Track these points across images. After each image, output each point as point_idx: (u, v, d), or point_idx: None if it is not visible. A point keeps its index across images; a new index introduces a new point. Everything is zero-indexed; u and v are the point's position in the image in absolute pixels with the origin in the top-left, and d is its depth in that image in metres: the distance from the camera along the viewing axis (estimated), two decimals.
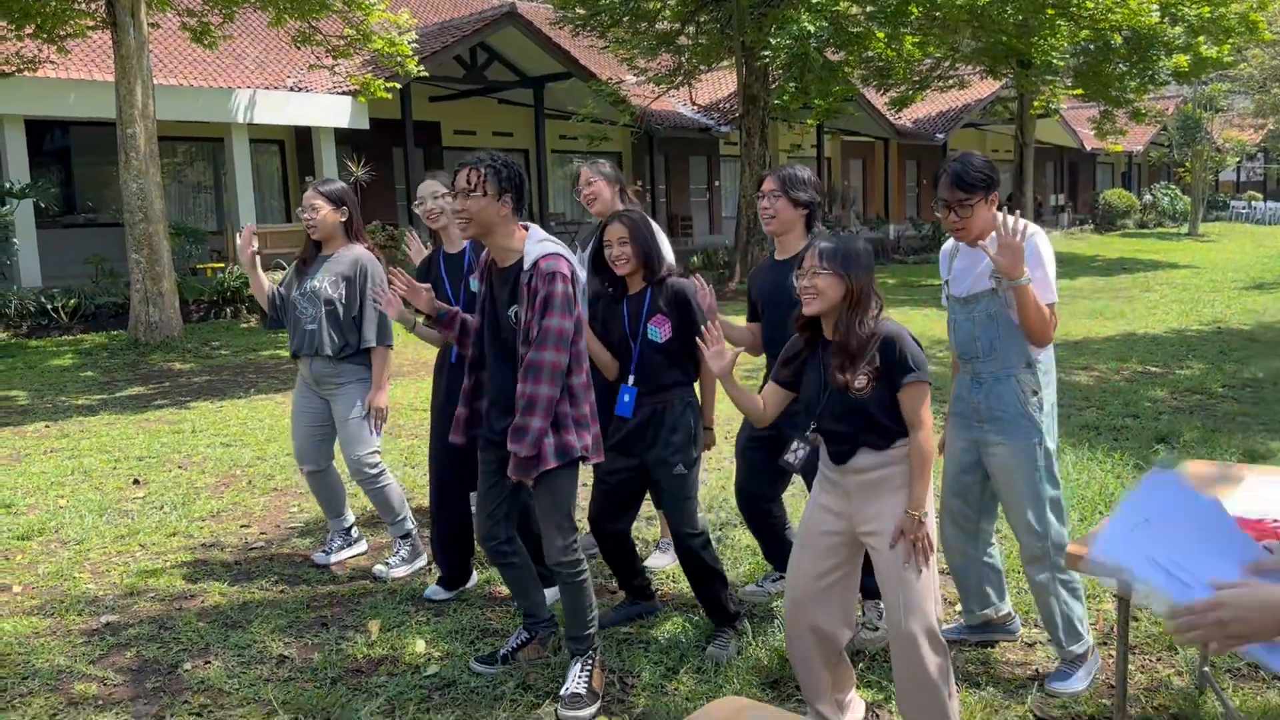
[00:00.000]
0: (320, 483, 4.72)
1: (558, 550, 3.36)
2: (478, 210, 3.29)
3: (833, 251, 2.92)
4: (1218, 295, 15.74)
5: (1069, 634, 3.42)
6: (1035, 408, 3.36)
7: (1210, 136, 33.37)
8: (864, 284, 2.92)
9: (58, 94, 14.69)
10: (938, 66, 23.11)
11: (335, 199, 4.51)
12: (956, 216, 3.31)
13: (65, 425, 8.15)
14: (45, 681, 3.61)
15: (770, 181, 3.86)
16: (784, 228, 3.85)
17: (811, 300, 2.93)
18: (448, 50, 18.41)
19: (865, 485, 2.94)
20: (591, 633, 3.43)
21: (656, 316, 3.77)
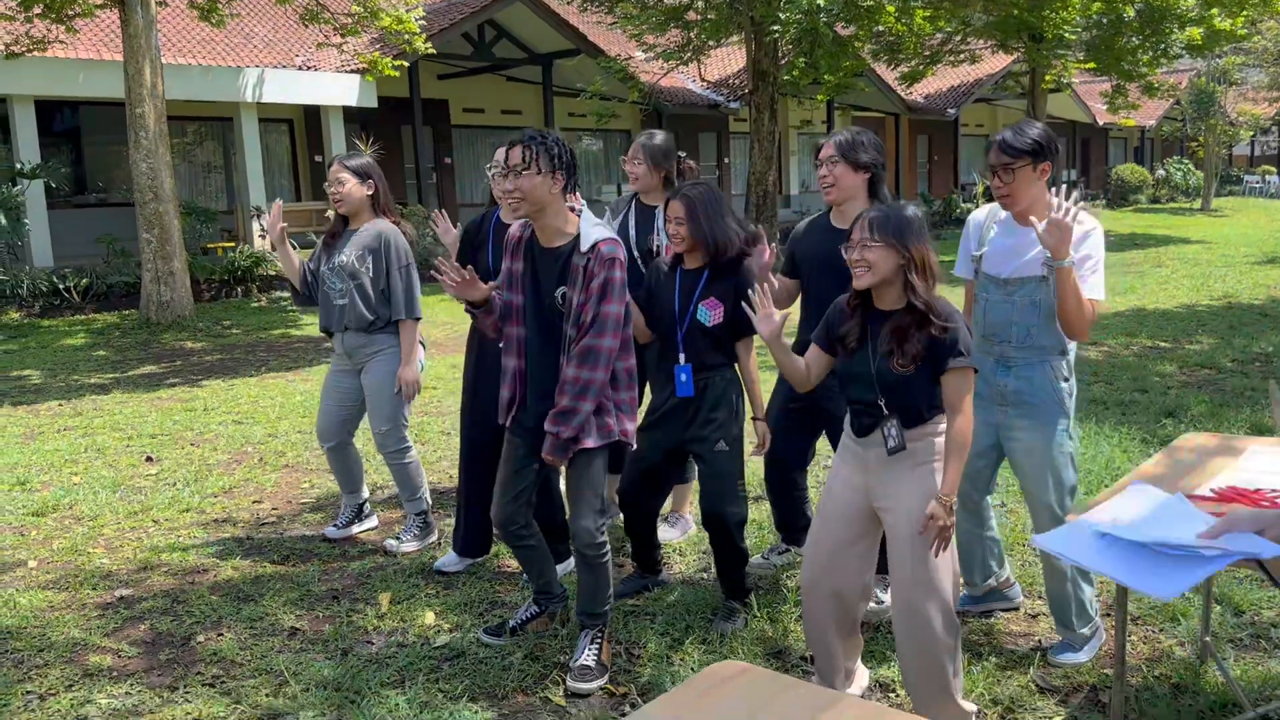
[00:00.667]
0: (340, 459, 4.76)
1: (586, 531, 3.36)
2: (530, 188, 3.21)
3: (883, 221, 2.81)
4: (1229, 270, 15.67)
5: (1080, 616, 3.43)
6: (1066, 394, 3.33)
7: (1224, 110, 33.08)
8: (923, 250, 2.81)
9: (67, 74, 14.71)
10: (949, 41, 22.92)
11: (361, 173, 4.52)
12: (1000, 181, 3.23)
13: (78, 404, 8.22)
14: (61, 653, 3.67)
15: (828, 147, 3.66)
16: (845, 195, 3.65)
17: (863, 274, 2.83)
18: (455, 27, 18.36)
19: (886, 460, 2.91)
20: (606, 610, 3.45)
21: (710, 299, 3.67)
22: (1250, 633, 3.62)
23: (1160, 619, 3.73)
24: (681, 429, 3.72)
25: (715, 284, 3.68)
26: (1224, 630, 3.63)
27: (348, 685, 3.38)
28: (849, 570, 3.02)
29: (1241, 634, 3.61)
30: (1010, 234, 3.35)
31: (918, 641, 2.88)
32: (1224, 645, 3.52)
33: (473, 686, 3.36)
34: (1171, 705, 3.12)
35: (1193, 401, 6.91)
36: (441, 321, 12.09)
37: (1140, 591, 2.15)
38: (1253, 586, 3.94)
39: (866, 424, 2.94)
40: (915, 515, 2.86)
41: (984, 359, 3.38)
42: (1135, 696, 3.18)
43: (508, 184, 3.26)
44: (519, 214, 3.31)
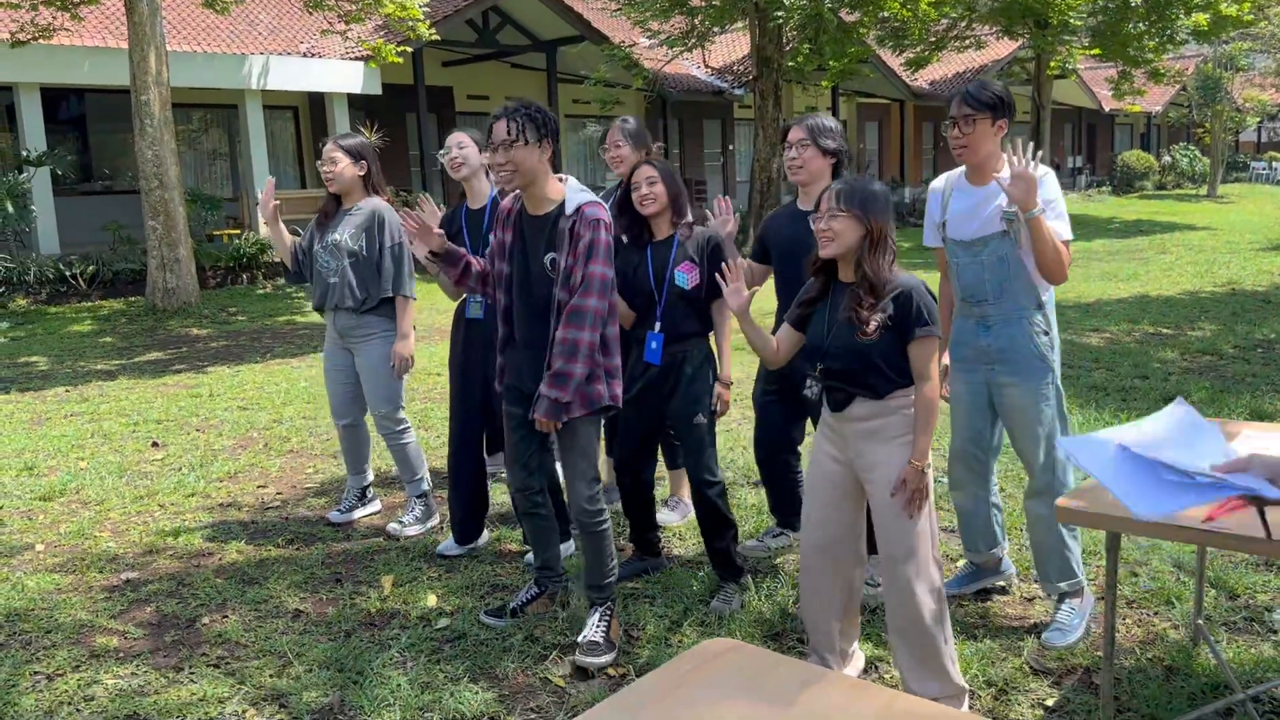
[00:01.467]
0: (352, 437, 4.83)
1: (583, 498, 3.41)
2: (521, 159, 3.25)
3: (849, 192, 2.89)
4: (1234, 257, 15.64)
5: (1062, 570, 3.49)
6: (1047, 347, 3.42)
7: (1230, 96, 32.91)
8: (883, 224, 2.89)
9: (72, 61, 14.74)
10: (954, 27, 22.83)
11: (354, 153, 4.56)
12: (960, 132, 3.33)
13: (85, 390, 8.28)
14: (68, 635, 3.73)
15: (798, 130, 3.80)
16: (812, 178, 3.80)
17: (828, 243, 2.90)
18: (459, 14, 18.34)
19: (862, 433, 2.98)
20: (611, 581, 3.50)
21: (685, 263, 3.80)
22: (1244, 616, 3.65)
23: (1155, 602, 3.76)
24: (660, 401, 3.85)
25: (685, 247, 3.82)
26: (1218, 614, 3.66)
27: (350, 666, 3.42)
28: (841, 540, 3.07)
29: (1235, 617, 3.64)
30: (967, 195, 3.46)
31: (905, 612, 2.93)
32: (1218, 628, 3.55)
33: (473, 667, 3.40)
34: (1163, 687, 3.15)
35: (1194, 388, 6.92)
36: (444, 309, 12.13)
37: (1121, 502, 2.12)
38: (1248, 570, 3.97)
39: (839, 398, 2.99)
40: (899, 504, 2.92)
41: (965, 321, 3.52)
42: (1127, 678, 3.22)
43: (499, 158, 3.28)
44: (512, 186, 3.34)
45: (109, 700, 3.25)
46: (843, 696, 1.59)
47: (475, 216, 4.38)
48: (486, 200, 4.37)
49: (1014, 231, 3.31)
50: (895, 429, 2.95)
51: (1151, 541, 4.23)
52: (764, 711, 1.57)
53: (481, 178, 4.38)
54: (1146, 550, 4.19)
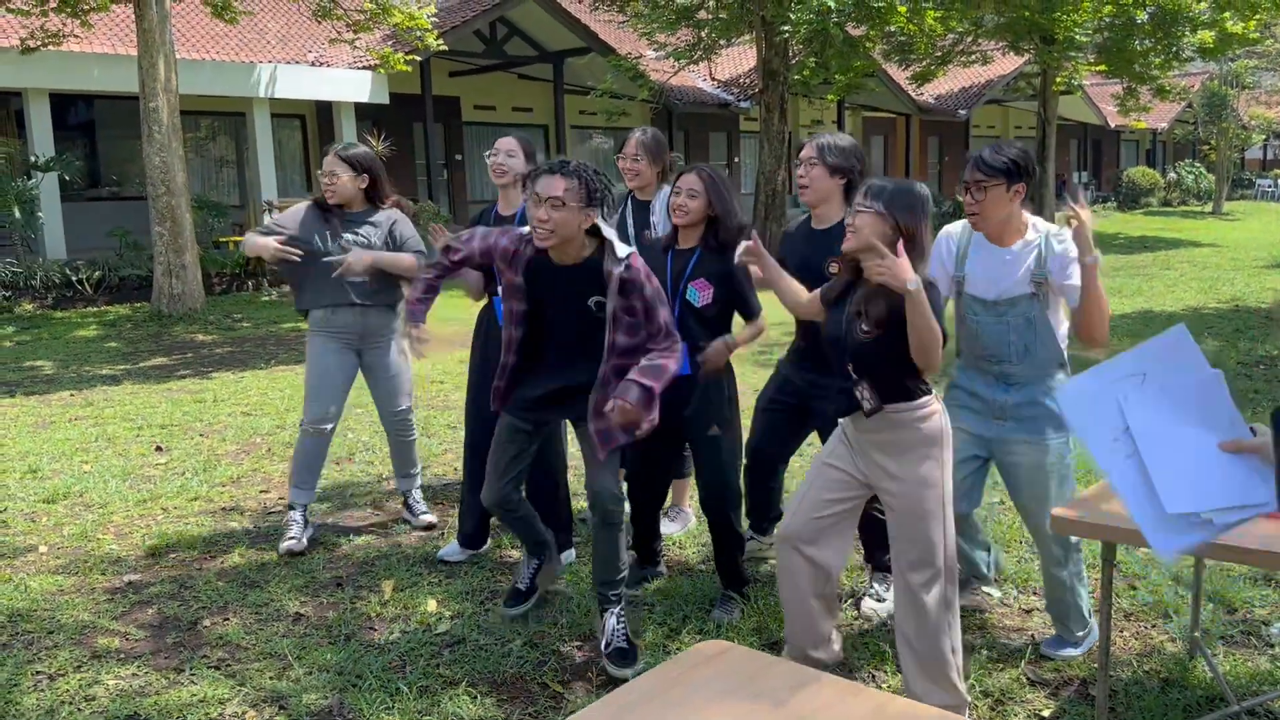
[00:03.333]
0: (326, 445, 4.67)
1: (612, 486, 3.36)
2: (562, 222, 3.18)
3: (879, 189, 2.82)
4: (1238, 274, 15.64)
5: (1076, 621, 3.47)
6: None
7: (1236, 113, 32.96)
8: (912, 225, 2.79)
9: (82, 68, 14.82)
10: (960, 42, 22.90)
11: (356, 165, 4.50)
12: (973, 199, 3.20)
13: (90, 394, 8.32)
14: (70, 636, 3.75)
15: (808, 149, 3.71)
16: (820, 197, 3.70)
17: (850, 237, 2.85)
18: (467, 24, 18.43)
19: (872, 445, 2.97)
20: (624, 577, 3.46)
21: (700, 279, 3.73)
22: (1241, 630, 3.66)
23: (1152, 615, 3.77)
24: (675, 413, 3.76)
25: (705, 265, 3.75)
26: (1215, 627, 3.67)
27: (350, 669, 3.44)
28: (826, 537, 3.05)
29: (1233, 631, 3.65)
30: (989, 255, 3.30)
31: (913, 621, 2.93)
32: (1215, 642, 3.56)
33: (472, 672, 3.42)
34: (1159, 699, 3.16)
35: None
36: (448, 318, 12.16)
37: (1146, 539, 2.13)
38: (1246, 584, 3.98)
39: (848, 404, 2.98)
40: (906, 504, 2.92)
41: (979, 375, 3.40)
42: (1124, 690, 3.23)
43: (540, 213, 3.20)
44: (545, 244, 3.26)
45: (110, 700, 3.27)
46: (835, 698, 1.61)
47: (504, 222, 4.38)
48: (518, 209, 4.33)
49: (1043, 294, 3.22)
50: (907, 444, 2.92)
51: (1149, 554, 4.23)
52: (756, 712, 1.59)
53: (518, 186, 4.33)
54: (1144, 563, 4.19)
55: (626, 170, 4.46)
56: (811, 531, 3.05)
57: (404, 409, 4.75)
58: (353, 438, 6.64)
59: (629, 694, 1.71)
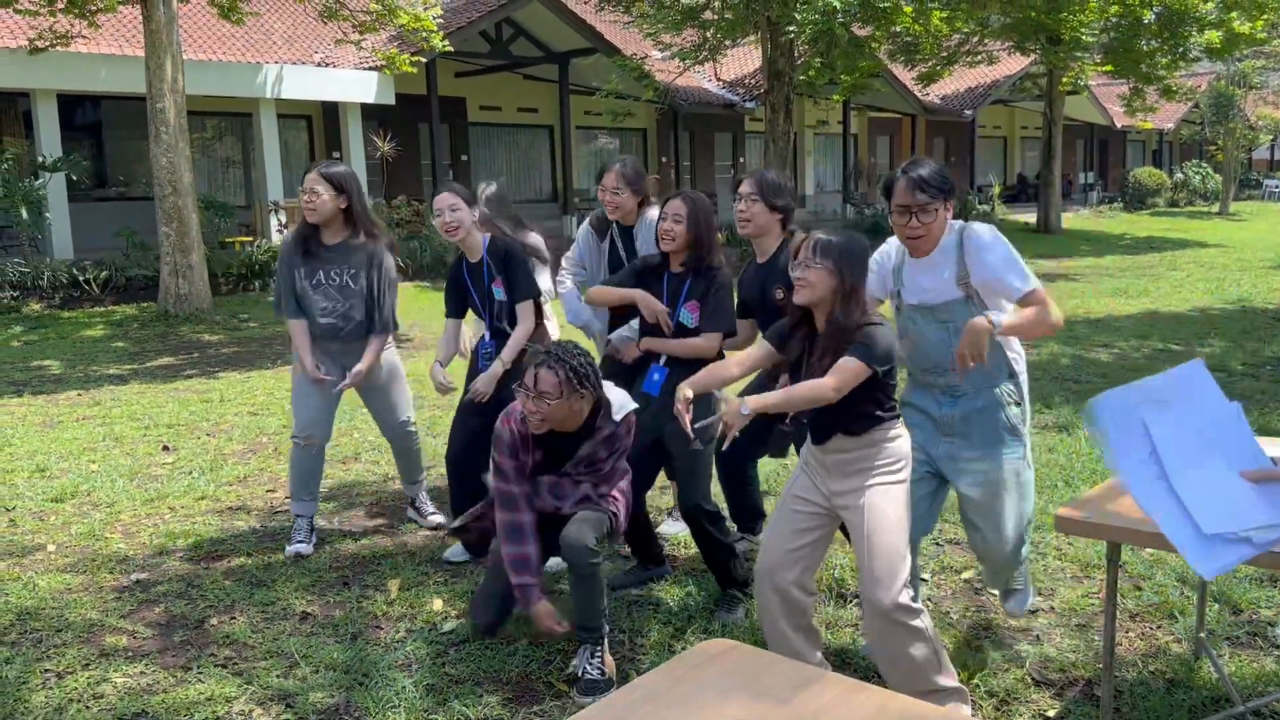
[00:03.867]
0: (319, 460, 4.64)
1: (588, 541, 3.35)
2: (551, 413, 3.30)
3: (827, 246, 2.97)
4: (1245, 274, 15.62)
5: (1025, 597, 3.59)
6: (1019, 419, 3.20)
7: (1243, 114, 32.91)
8: (856, 280, 2.96)
9: (89, 69, 14.88)
10: (966, 42, 22.90)
11: (337, 184, 4.43)
12: (918, 222, 3.10)
13: (97, 394, 8.35)
14: (78, 634, 3.77)
15: (747, 185, 3.91)
16: (759, 231, 3.92)
17: (802, 289, 2.98)
18: (473, 25, 18.46)
19: (841, 464, 3.05)
20: (602, 622, 3.40)
21: (692, 302, 3.88)
22: (1247, 630, 3.66)
23: (1157, 616, 3.77)
24: (660, 423, 3.85)
25: (695, 289, 3.89)
26: (1221, 628, 3.67)
27: (356, 668, 3.46)
28: (796, 569, 3.09)
29: (1238, 631, 3.65)
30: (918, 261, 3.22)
31: (885, 638, 2.95)
32: (1220, 643, 3.56)
33: (477, 671, 3.43)
34: (1164, 699, 3.16)
35: None
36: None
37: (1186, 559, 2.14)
38: (1251, 585, 3.98)
39: (819, 434, 3.07)
40: (871, 515, 2.97)
41: (923, 393, 3.32)
42: (1129, 690, 3.23)
43: (529, 405, 3.31)
44: (538, 431, 3.40)
45: (118, 698, 3.29)
46: (838, 696, 1.62)
47: (475, 269, 4.49)
48: (483, 252, 4.45)
49: (975, 297, 3.11)
50: (872, 459, 3.01)
51: (1154, 554, 4.24)
52: (760, 710, 1.60)
53: (474, 233, 4.45)
54: (1150, 564, 4.19)
55: (607, 203, 4.50)
56: (785, 564, 3.09)
57: (404, 420, 4.78)
58: (358, 437, 6.66)
59: (633, 693, 1.72)
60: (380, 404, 4.74)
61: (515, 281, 4.43)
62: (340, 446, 6.38)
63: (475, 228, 4.46)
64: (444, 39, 15.31)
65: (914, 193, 3.08)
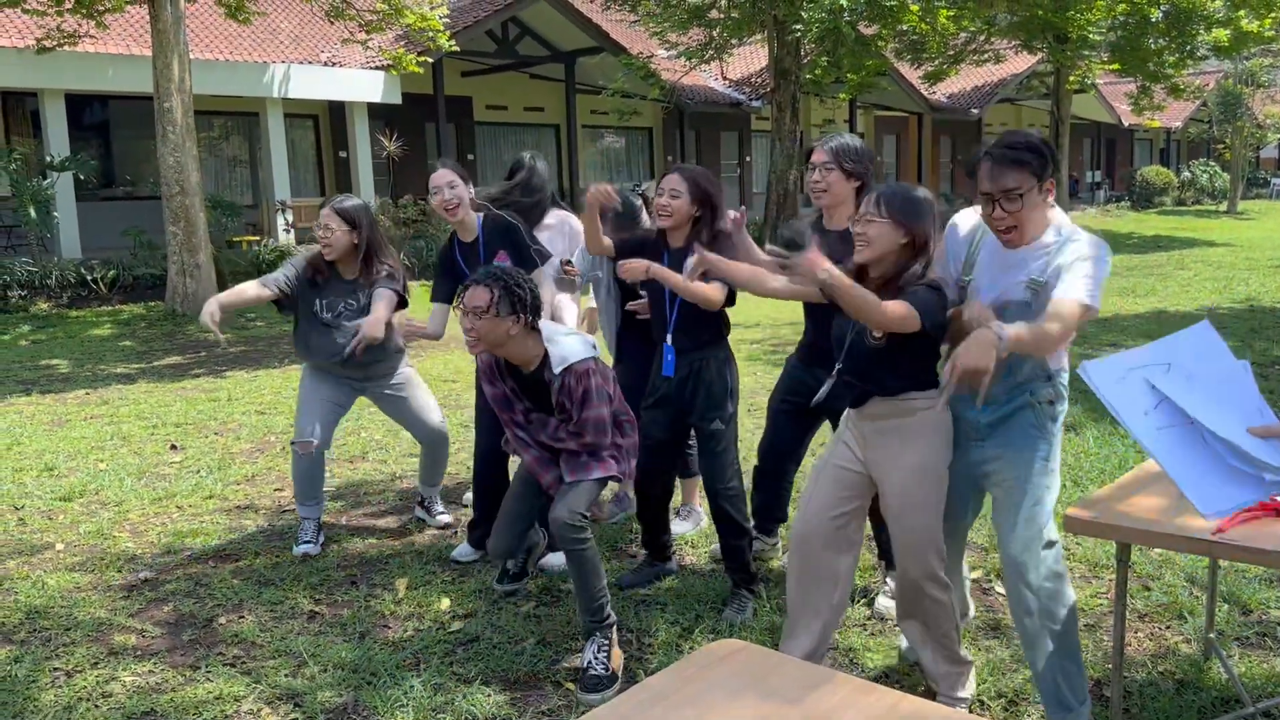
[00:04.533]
0: (319, 465, 4.61)
1: (567, 515, 3.35)
2: (486, 331, 3.31)
3: (890, 197, 2.82)
4: (1253, 273, 15.56)
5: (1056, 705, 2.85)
6: (1047, 417, 2.89)
7: (1251, 112, 32.78)
8: (923, 234, 2.82)
9: (97, 68, 14.92)
10: (973, 40, 22.86)
11: (350, 220, 4.38)
12: (1004, 212, 2.67)
13: (105, 393, 8.37)
14: (87, 632, 3.77)
15: (822, 153, 3.65)
16: (836, 201, 3.66)
17: (863, 248, 2.85)
18: (479, 25, 18.48)
19: (881, 431, 3.00)
20: (604, 603, 3.39)
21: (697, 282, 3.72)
22: (1257, 631, 3.64)
23: (1167, 616, 3.76)
24: (681, 408, 3.85)
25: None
26: (1230, 628, 3.65)
27: (364, 667, 3.46)
28: (836, 534, 3.08)
29: (1248, 632, 3.64)
30: (997, 254, 2.86)
31: (913, 606, 3.00)
32: (1230, 643, 3.55)
33: (485, 670, 3.43)
34: (1174, 700, 3.15)
35: None
36: None
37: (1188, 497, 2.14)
38: (1261, 585, 3.96)
39: (857, 396, 3.02)
40: (904, 489, 2.95)
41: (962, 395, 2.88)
42: (1138, 691, 3.22)
43: (465, 322, 3.32)
44: (474, 351, 3.41)
45: (126, 697, 3.30)
46: (848, 697, 1.62)
47: (469, 249, 4.41)
48: (477, 230, 4.39)
49: (1037, 304, 2.71)
50: (913, 430, 2.94)
51: (1163, 555, 4.23)
52: (770, 711, 1.60)
53: (470, 211, 4.38)
54: (1159, 564, 4.18)
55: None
56: (820, 529, 3.07)
57: (438, 420, 4.77)
58: (365, 437, 6.67)
59: (642, 693, 1.72)
60: (408, 413, 4.72)
61: (525, 253, 4.31)
62: (347, 445, 6.38)
63: (470, 205, 4.37)
64: (450, 38, 15.33)
65: (995, 176, 2.67)
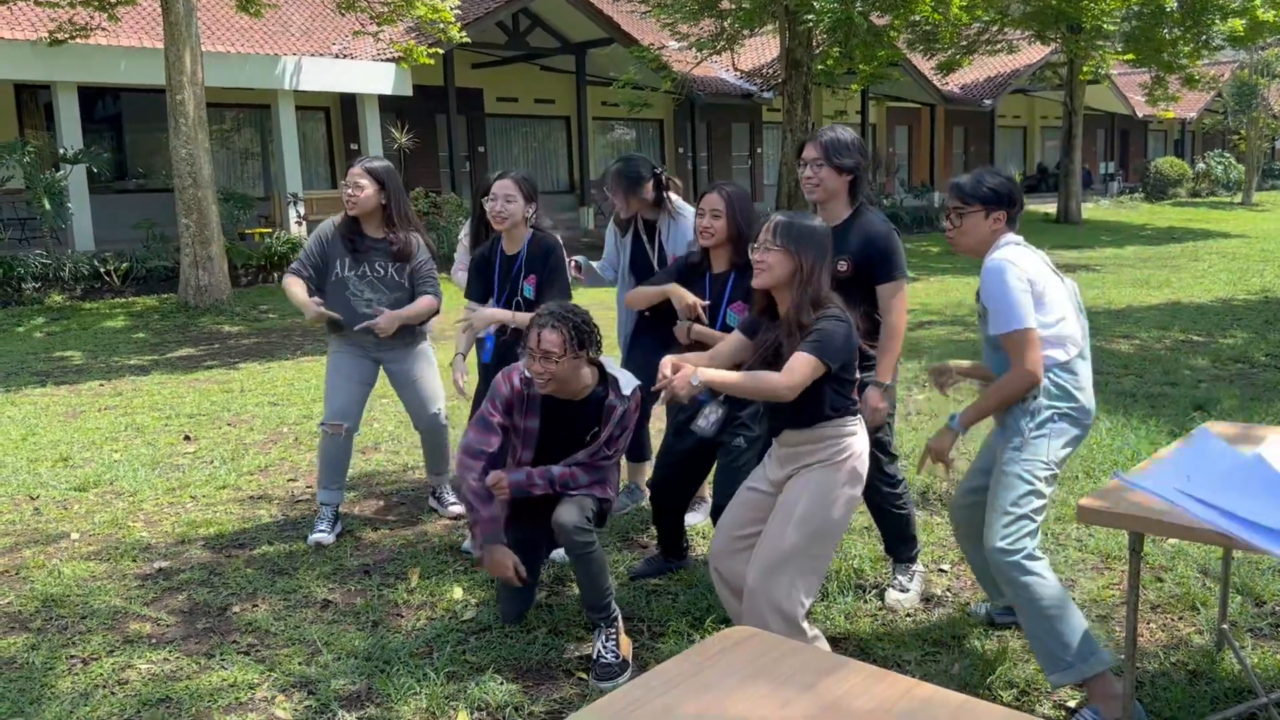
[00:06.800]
0: (347, 445, 4.65)
1: (574, 522, 3.38)
2: (560, 371, 3.36)
3: (786, 227, 2.97)
4: (1268, 265, 15.48)
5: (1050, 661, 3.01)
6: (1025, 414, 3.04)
7: (1266, 103, 32.57)
8: (813, 263, 2.96)
9: (109, 61, 14.97)
10: (985, 31, 22.75)
11: (380, 179, 4.49)
12: (950, 224, 3.19)
13: (119, 384, 8.41)
14: (102, 621, 3.80)
15: (812, 149, 3.63)
16: (828, 196, 3.64)
17: (760, 272, 3.00)
18: (490, 16, 18.47)
19: (789, 456, 3.12)
20: (609, 600, 3.42)
21: (738, 303, 3.76)
22: (1270, 622, 3.63)
23: (1179, 607, 3.75)
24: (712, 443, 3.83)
25: (740, 286, 3.78)
26: (1244, 620, 3.65)
27: (378, 655, 3.48)
28: (737, 556, 3.19)
29: (1261, 623, 3.63)
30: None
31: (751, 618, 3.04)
32: (1243, 634, 3.54)
33: (498, 659, 3.45)
34: (1186, 691, 3.15)
35: (1223, 395, 6.88)
36: None
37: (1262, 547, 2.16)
38: (1274, 576, 3.95)
39: (773, 426, 3.13)
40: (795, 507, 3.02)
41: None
42: (1150, 681, 3.21)
43: (536, 366, 3.35)
44: (546, 391, 3.44)
45: (142, 684, 3.32)
46: (861, 682, 1.62)
47: (508, 261, 4.37)
48: (523, 245, 4.34)
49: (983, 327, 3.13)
50: (821, 454, 3.05)
51: (1176, 546, 4.22)
52: (784, 696, 1.60)
53: (521, 226, 4.33)
54: (1172, 555, 4.17)
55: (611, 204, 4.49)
56: (729, 552, 3.19)
57: (435, 412, 4.78)
58: (378, 427, 6.70)
59: (654, 679, 1.73)
60: (412, 394, 4.75)
61: (552, 283, 4.30)
62: (361, 436, 6.40)
63: (524, 223, 4.34)
64: (461, 30, 15.33)
65: (950, 196, 3.21)
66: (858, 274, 3.56)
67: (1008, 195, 3.16)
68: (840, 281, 3.40)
